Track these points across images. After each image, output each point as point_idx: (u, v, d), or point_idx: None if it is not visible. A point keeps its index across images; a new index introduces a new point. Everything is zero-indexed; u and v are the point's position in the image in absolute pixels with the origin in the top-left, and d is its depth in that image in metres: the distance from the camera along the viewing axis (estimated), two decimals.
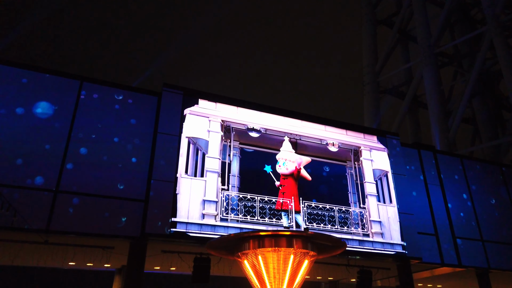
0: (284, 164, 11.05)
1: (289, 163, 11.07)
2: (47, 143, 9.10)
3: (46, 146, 9.06)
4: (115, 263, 11.87)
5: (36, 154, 8.90)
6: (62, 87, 9.77)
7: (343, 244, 6.99)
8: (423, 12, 33.17)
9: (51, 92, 9.61)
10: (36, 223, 8.31)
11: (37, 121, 9.22)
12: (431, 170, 13.80)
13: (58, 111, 9.50)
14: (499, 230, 13.95)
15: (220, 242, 6.91)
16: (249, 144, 11.13)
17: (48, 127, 9.27)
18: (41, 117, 9.28)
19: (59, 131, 9.33)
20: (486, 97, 35.75)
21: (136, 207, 9.26)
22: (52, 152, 9.07)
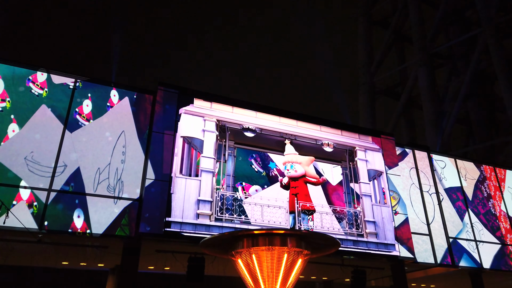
0: (292, 167, 11.15)
1: (297, 165, 11.19)
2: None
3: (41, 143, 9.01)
4: (108, 263, 11.82)
5: None
6: (56, 83, 9.71)
7: (336, 243, 7.03)
8: (418, 13, 33.37)
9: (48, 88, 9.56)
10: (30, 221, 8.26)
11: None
12: (425, 170, 13.88)
13: (54, 109, 9.44)
14: (491, 230, 14.06)
15: (214, 241, 6.91)
16: (244, 144, 11.14)
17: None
18: None
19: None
20: (480, 98, 36.00)
21: (130, 207, 9.23)
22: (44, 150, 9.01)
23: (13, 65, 9.47)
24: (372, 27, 38.92)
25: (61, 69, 9.97)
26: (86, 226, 8.68)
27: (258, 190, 10.69)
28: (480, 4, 29.83)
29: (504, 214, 14.81)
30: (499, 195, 15.14)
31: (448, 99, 37.25)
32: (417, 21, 32.91)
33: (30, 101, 9.30)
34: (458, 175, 14.53)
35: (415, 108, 37.07)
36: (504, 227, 14.41)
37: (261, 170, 11.05)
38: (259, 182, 10.85)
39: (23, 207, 8.33)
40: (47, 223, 8.38)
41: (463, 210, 13.89)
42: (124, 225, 8.99)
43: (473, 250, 13.21)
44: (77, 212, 8.72)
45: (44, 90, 9.54)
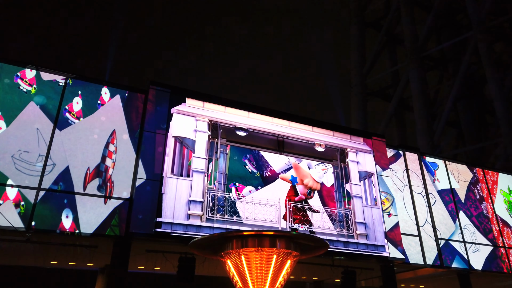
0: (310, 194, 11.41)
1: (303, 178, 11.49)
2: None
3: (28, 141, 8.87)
4: (98, 263, 11.71)
5: None
6: (45, 80, 9.58)
7: (325, 244, 7.03)
8: (410, 16, 33.64)
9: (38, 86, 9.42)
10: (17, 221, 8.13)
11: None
12: (416, 171, 13.98)
13: (43, 106, 9.31)
14: (484, 232, 14.21)
15: (203, 242, 6.87)
16: (236, 141, 11.10)
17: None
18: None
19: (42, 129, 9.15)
20: (471, 101, 36.41)
21: (120, 207, 9.13)
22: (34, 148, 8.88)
23: (1, 62, 9.32)
24: (365, 29, 39.14)
25: (51, 66, 9.83)
26: (75, 227, 8.57)
27: (252, 191, 10.66)
28: (471, 8, 30.15)
29: (498, 217, 14.96)
30: (492, 197, 15.30)
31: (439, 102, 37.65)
32: (409, 23, 33.18)
33: (18, 97, 9.16)
34: (448, 178, 14.65)
35: (406, 110, 37.38)
36: (496, 229, 14.57)
37: (255, 170, 11.03)
38: (253, 183, 10.83)
39: (10, 207, 8.19)
40: (35, 224, 8.25)
41: (456, 212, 14.01)
42: (114, 226, 8.90)
43: (465, 252, 13.33)
44: (65, 212, 8.60)
45: (33, 87, 9.41)
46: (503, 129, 27.33)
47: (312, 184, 11.38)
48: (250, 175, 10.92)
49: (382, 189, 12.51)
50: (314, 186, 11.38)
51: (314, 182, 11.41)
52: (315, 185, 11.40)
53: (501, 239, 14.47)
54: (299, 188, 11.25)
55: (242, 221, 10.10)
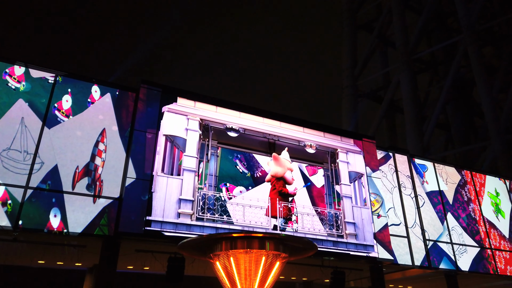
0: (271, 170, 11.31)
1: (278, 170, 11.40)
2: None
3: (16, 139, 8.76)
4: (86, 262, 11.60)
5: None
6: (34, 77, 9.46)
7: (314, 246, 7.06)
8: (401, 19, 33.95)
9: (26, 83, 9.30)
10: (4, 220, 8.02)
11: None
12: (405, 173, 14.10)
13: (32, 103, 9.20)
14: (471, 234, 14.39)
15: (192, 243, 6.84)
16: (227, 143, 11.09)
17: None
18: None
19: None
20: (460, 104, 36.87)
21: (109, 206, 9.06)
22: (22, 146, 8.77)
23: None
24: (357, 30, 39.40)
25: (40, 63, 9.72)
26: (63, 226, 8.47)
27: (242, 191, 10.66)
28: (462, 12, 30.55)
29: (485, 219, 15.16)
30: (479, 199, 15.50)
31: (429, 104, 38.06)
32: (400, 26, 33.50)
33: (6, 95, 9.03)
34: (436, 179, 14.81)
35: (397, 112, 37.71)
36: (483, 231, 14.76)
37: (246, 171, 11.03)
38: (244, 183, 10.82)
39: None
40: (22, 223, 8.14)
41: (444, 213, 14.17)
42: (103, 225, 8.82)
43: (453, 253, 13.48)
44: (53, 211, 8.50)
45: (22, 84, 9.29)
46: (491, 132, 27.74)
47: (291, 166, 11.42)
48: (241, 175, 10.92)
49: (372, 191, 12.60)
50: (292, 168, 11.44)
51: (290, 165, 11.48)
52: (291, 167, 11.46)
53: (488, 240, 14.68)
54: (287, 176, 11.28)
55: (232, 221, 10.09)
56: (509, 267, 14.54)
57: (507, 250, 14.98)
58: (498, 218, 15.64)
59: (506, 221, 15.78)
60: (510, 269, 14.48)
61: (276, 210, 10.75)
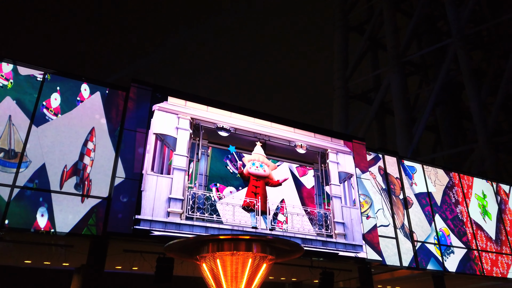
0: (262, 166, 11.17)
1: (265, 167, 11.23)
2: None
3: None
4: (74, 262, 11.47)
5: None
6: (23, 75, 9.33)
7: (301, 249, 7.08)
8: (392, 21, 34.25)
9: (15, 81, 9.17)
10: None
11: None
12: (394, 174, 14.22)
13: (20, 101, 9.07)
14: (458, 235, 14.57)
15: (178, 245, 6.80)
16: (218, 143, 11.07)
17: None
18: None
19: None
20: (449, 107, 37.33)
21: (98, 206, 8.97)
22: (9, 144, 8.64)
23: None
24: (348, 32, 39.64)
25: (29, 61, 9.59)
26: (50, 226, 8.37)
27: (232, 192, 10.64)
28: (451, 16, 30.92)
29: (472, 221, 15.35)
30: (466, 201, 15.70)
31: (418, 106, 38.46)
32: (391, 29, 33.80)
33: None
34: (425, 181, 14.96)
35: (387, 114, 38.02)
36: (470, 233, 14.95)
37: (236, 171, 11.01)
38: (234, 183, 10.81)
39: None
40: (8, 222, 8.02)
41: (432, 215, 14.32)
42: (91, 225, 8.73)
43: (440, 254, 13.64)
44: (40, 210, 8.38)
45: (9, 81, 9.15)
46: (478, 135, 28.13)
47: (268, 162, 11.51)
48: (231, 175, 10.90)
49: (361, 192, 12.68)
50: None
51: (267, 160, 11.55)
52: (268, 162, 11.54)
53: (474, 242, 14.87)
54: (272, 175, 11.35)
55: (222, 221, 10.07)
56: (495, 268, 14.75)
57: (493, 251, 15.19)
58: (485, 219, 15.86)
59: (492, 223, 16.01)
60: (496, 270, 14.70)
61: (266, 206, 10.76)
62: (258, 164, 11.18)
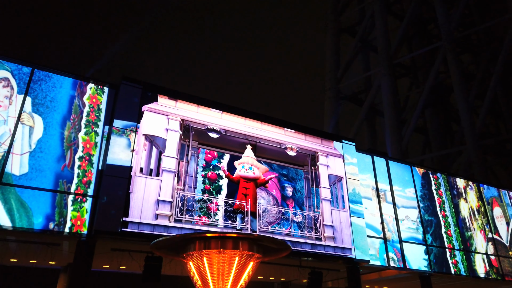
0: (251, 168, 11.19)
1: (255, 169, 11.24)
2: None
3: None
4: (60, 261, 11.35)
5: None
6: (12, 72, 9.19)
7: (287, 247, 7.10)
8: (384, 24, 34.51)
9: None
10: None
11: None
12: (383, 175, 14.35)
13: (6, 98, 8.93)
14: (440, 235, 14.76)
15: (165, 243, 6.77)
16: (208, 145, 11.04)
17: None
18: None
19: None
20: (438, 109, 37.78)
21: (86, 204, 8.88)
22: None
23: None
24: (340, 34, 39.84)
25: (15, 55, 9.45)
26: (36, 223, 8.26)
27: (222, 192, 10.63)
28: (441, 19, 31.27)
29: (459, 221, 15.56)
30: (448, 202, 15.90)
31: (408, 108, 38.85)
32: (382, 31, 34.06)
33: None
34: (413, 182, 15.13)
35: (377, 115, 38.33)
36: (449, 233, 15.12)
37: None
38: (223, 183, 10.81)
39: None
40: None
41: (420, 216, 14.48)
42: (78, 223, 8.64)
43: (425, 254, 13.81)
44: (27, 207, 8.27)
45: None
46: (466, 137, 28.51)
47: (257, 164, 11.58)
48: (221, 175, 10.88)
49: (350, 193, 12.76)
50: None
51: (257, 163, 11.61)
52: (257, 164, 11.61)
53: (462, 242, 15.07)
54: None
55: (211, 223, 10.05)
56: (481, 268, 14.98)
57: (479, 252, 15.43)
58: (472, 221, 16.09)
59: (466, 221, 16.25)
60: (481, 270, 14.93)
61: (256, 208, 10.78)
62: (247, 167, 11.20)
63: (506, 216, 17.66)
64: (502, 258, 16.06)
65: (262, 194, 11.22)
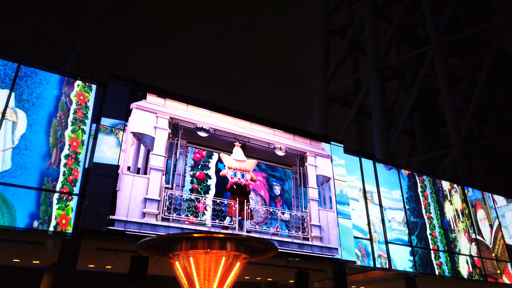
0: (244, 176, 11.15)
1: (247, 174, 11.21)
2: None
3: None
4: (45, 260, 11.17)
5: None
6: None
7: (274, 247, 7.12)
8: (373, 27, 34.87)
9: None
10: None
11: None
12: (370, 177, 14.49)
13: None
14: (425, 236, 14.97)
15: (152, 243, 6.72)
16: (197, 143, 11.00)
17: None
18: None
19: None
20: (425, 112, 38.31)
21: (71, 202, 8.76)
22: None
23: None
24: (330, 36, 40.12)
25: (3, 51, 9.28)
26: (19, 221, 8.12)
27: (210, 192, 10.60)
28: (430, 24, 31.72)
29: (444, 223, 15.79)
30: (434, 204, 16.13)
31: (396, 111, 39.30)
32: (371, 34, 34.41)
33: None
34: (400, 184, 15.30)
35: (365, 117, 38.68)
36: (434, 235, 15.34)
37: None
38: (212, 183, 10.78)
39: None
40: None
41: (406, 217, 14.66)
42: (63, 222, 8.52)
43: (410, 255, 13.98)
44: (10, 205, 8.13)
45: None
46: (452, 141, 28.95)
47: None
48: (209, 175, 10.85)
49: (338, 194, 12.85)
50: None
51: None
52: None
53: (446, 244, 15.30)
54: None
55: (198, 222, 10.02)
56: (464, 269, 15.23)
57: (463, 254, 15.68)
58: (456, 223, 16.34)
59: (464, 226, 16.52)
60: (465, 272, 15.17)
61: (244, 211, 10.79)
62: (239, 175, 11.14)
63: (490, 218, 17.99)
64: (485, 259, 16.35)
65: (250, 194, 11.21)
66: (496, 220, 18.18)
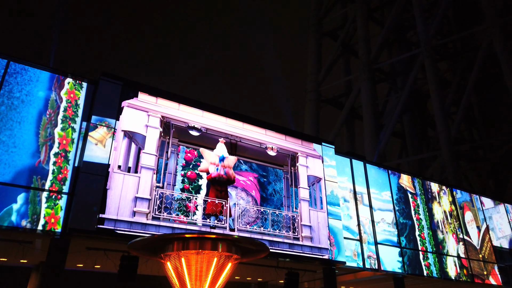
0: (225, 172, 11.09)
1: (230, 170, 11.17)
2: None
3: None
4: (32, 259, 11.03)
5: None
6: None
7: (266, 248, 7.14)
8: (365, 29, 35.15)
9: None
10: None
11: None
12: (360, 178, 14.58)
13: None
14: (414, 238, 15.12)
15: (143, 243, 6.68)
16: (188, 142, 10.97)
17: None
18: None
19: None
20: (415, 115, 38.70)
21: (61, 201, 8.67)
22: None
23: None
24: (322, 37, 40.32)
25: None
26: (7, 220, 8.01)
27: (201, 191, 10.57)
28: (420, 27, 32.08)
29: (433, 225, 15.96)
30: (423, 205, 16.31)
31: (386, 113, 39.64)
32: (363, 36, 34.69)
33: None
34: (389, 185, 15.43)
35: (356, 119, 38.95)
36: (423, 236, 15.51)
37: None
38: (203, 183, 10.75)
39: None
40: None
41: (395, 218, 14.78)
42: (52, 221, 8.43)
43: (399, 256, 14.11)
44: None
45: None
46: (441, 143, 29.30)
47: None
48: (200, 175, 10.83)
49: (329, 194, 12.91)
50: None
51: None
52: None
53: (435, 245, 15.47)
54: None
55: (189, 221, 9.99)
56: (452, 270, 15.42)
57: (450, 255, 15.87)
58: (444, 224, 16.54)
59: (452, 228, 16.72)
60: (452, 272, 15.36)
61: (228, 207, 10.78)
62: (222, 171, 11.08)
63: (477, 220, 18.24)
64: (472, 260, 16.57)
65: (241, 194, 11.22)
66: (484, 222, 18.44)
